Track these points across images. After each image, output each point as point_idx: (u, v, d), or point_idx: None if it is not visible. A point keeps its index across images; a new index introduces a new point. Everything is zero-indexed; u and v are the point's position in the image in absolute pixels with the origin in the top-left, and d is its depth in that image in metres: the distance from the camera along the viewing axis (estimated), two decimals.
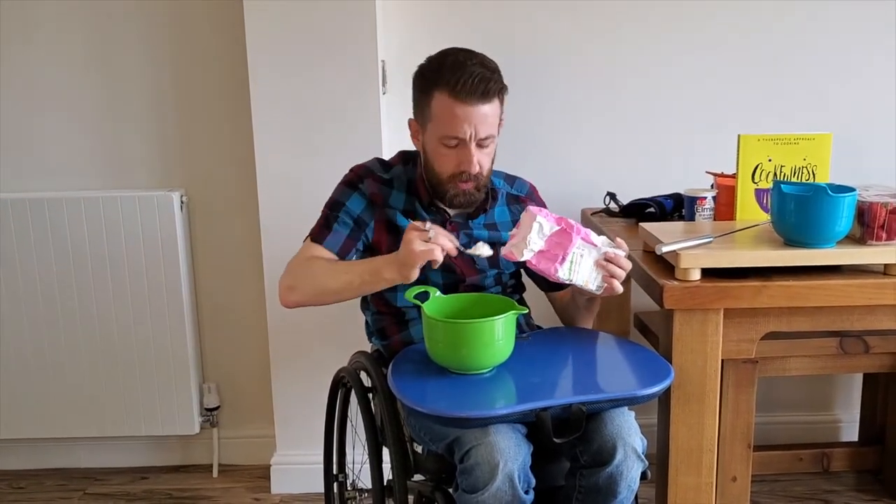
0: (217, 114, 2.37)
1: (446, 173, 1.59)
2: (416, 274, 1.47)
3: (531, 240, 1.44)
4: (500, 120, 1.60)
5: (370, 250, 1.67)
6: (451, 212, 1.66)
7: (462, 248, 1.48)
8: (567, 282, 1.47)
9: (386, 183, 1.68)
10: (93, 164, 2.40)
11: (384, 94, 2.24)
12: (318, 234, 1.67)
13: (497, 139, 1.61)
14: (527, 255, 1.44)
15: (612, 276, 1.50)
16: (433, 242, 1.43)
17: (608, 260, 1.49)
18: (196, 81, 2.36)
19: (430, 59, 1.60)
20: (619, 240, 1.52)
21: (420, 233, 1.44)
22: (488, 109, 1.54)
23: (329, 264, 1.62)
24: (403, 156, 1.73)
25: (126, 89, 2.36)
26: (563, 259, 1.45)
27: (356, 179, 1.68)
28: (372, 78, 2.17)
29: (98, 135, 2.39)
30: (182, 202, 2.38)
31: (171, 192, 2.34)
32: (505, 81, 1.57)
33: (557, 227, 1.45)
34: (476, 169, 1.57)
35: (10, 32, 2.32)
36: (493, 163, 1.63)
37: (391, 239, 1.64)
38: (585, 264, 1.47)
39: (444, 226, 1.65)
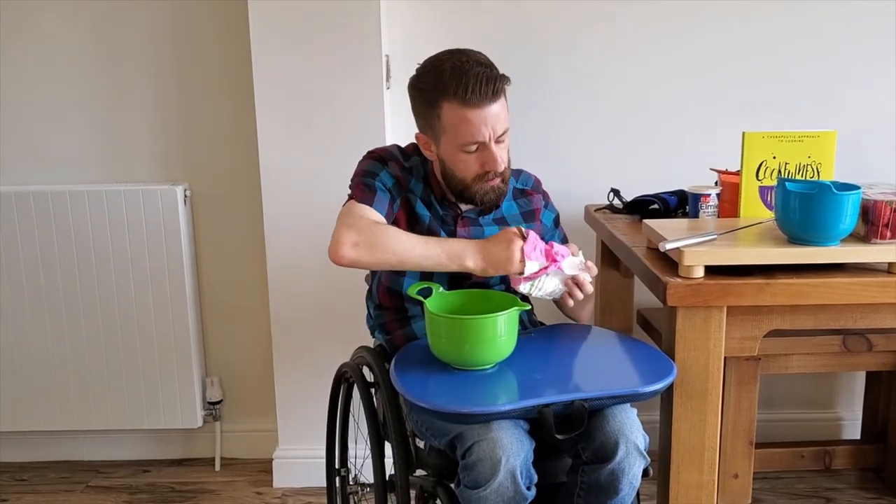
0: (220, 108, 2.37)
1: (471, 176, 1.58)
2: (519, 265, 1.50)
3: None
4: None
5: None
6: (463, 207, 1.66)
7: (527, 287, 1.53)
8: (527, 294, 1.55)
9: (406, 170, 1.67)
10: (97, 158, 2.41)
11: (388, 88, 2.23)
12: (363, 196, 1.59)
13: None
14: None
15: (571, 295, 1.57)
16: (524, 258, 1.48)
17: (575, 282, 1.55)
18: (200, 75, 2.36)
19: (426, 70, 1.56)
20: (589, 263, 1.57)
21: (521, 242, 1.49)
22: (499, 107, 1.53)
23: (403, 232, 1.56)
24: (417, 148, 1.73)
25: (130, 83, 2.36)
26: (529, 279, 1.53)
27: (382, 159, 1.66)
28: (375, 72, 2.17)
29: (102, 128, 2.39)
30: (185, 196, 2.38)
31: (174, 186, 2.34)
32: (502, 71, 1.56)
33: (543, 262, 1.52)
34: (502, 167, 1.58)
35: (14, 26, 2.32)
36: (509, 153, 1.63)
37: (410, 222, 1.64)
38: (549, 283, 1.55)
39: (455, 222, 1.65)
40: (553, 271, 1.53)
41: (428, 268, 1.55)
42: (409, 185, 1.66)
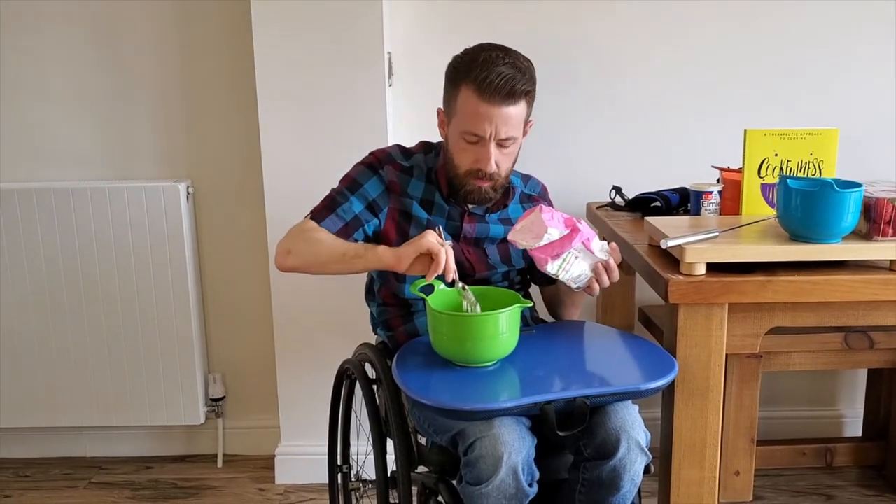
0: (223, 105, 2.38)
1: (463, 168, 1.60)
2: (408, 263, 1.47)
3: (531, 229, 1.47)
4: (529, 122, 1.61)
5: (377, 239, 1.67)
6: (470, 205, 1.67)
7: (455, 282, 1.48)
8: (553, 276, 1.49)
9: (405, 171, 1.68)
10: (99, 155, 2.41)
11: (390, 86, 2.23)
12: (319, 214, 1.66)
13: (522, 140, 1.61)
14: (528, 244, 1.47)
15: (599, 281, 1.52)
16: (442, 251, 1.44)
17: (605, 267, 1.51)
18: (202, 72, 2.36)
19: (465, 52, 1.59)
20: (613, 244, 1.53)
21: (437, 236, 1.46)
22: (512, 111, 1.53)
23: (331, 235, 1.62)
24: (424, 145, 1.73)
25: (133, 80, 2.36)
26: (557, 256, 1.47)
27: (377, 164, 1.68)
28: (378, 70, 2.17)
29: (104, 125, 2.39)
30: (188, 193, 2.38)
31: (177, 183, 2.34)
32: (536, 83, 1.56)
33: (563, 229, 1.47)
34: (492, 168, 1.57)
35: (17, 22, 2.32)
36: (514, 163, 1.64)
37: (402, 229, 1.65)
38: (577, 266, 1.49)
39: (461, 217, 1.66)
40: (582, 253, 1.48)
41: (356, 266, 1.58)
42: (407, 187, 1.66)
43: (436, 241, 1.45)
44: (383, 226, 1.66)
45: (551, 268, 1.47)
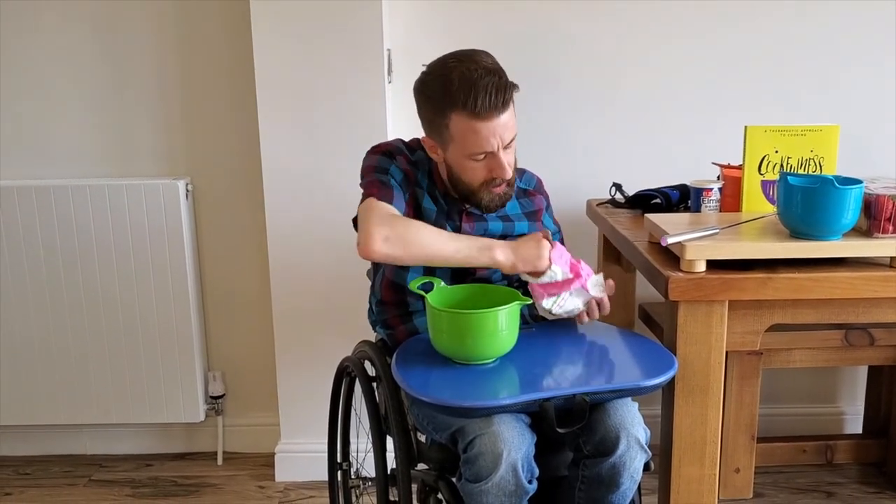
0: (222, 102, 2.37)
1: (477, 183, 1.58)
2: (526, 270, 1.53)
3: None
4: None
5: None
6: (467, 204, 1.66)
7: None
8: (547, 310, 1.56)
9: (412, 164, 1.66)
10: (98, 152, 2.41)
11: (389, 83, 2.23)
12: (382, 193, 1.58)
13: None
14: (529, 277, 1.56)
15: (589, 314, 1.59)
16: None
17: (597, 302, 1.57)
18: (202, 70, 2.36)
19: (434, 77, 1.53)
20: (609, 281, 1.58)
21: (549, 245, 1.52)
22: (507, 116, 1.52)
23: (432, 227, 1.57)
24: (419, 143, 1.72)
25: (132, 77, 2.36)
26: (554, 294, 1.55)
27: (389, 154, 1.65)
28: (377, 67, 2.16)
29: (104, 123, 2.39)
30: (187, 190, 2.38)
31: (176, 181, 2.34)
32: (510, 77, 1.54)
33: (567, 272, 1.54)
34: (509, 174, 1.57)
35: (16, 20, 2.32)
36: (515, 154, 1.63)
37: (416, 217, 1.62)
38: (571, 302, 1.56)
39: (460, 216, 1.65)
40: (577, 291, 1.54)
41: (458, 262, 1.54)
42: (417, 178, 1.65)
43: (546, 257, 1.52)
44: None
45: (546, 303, 1.55)
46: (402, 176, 1.63)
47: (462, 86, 1.47)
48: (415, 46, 2.30)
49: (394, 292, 1.69)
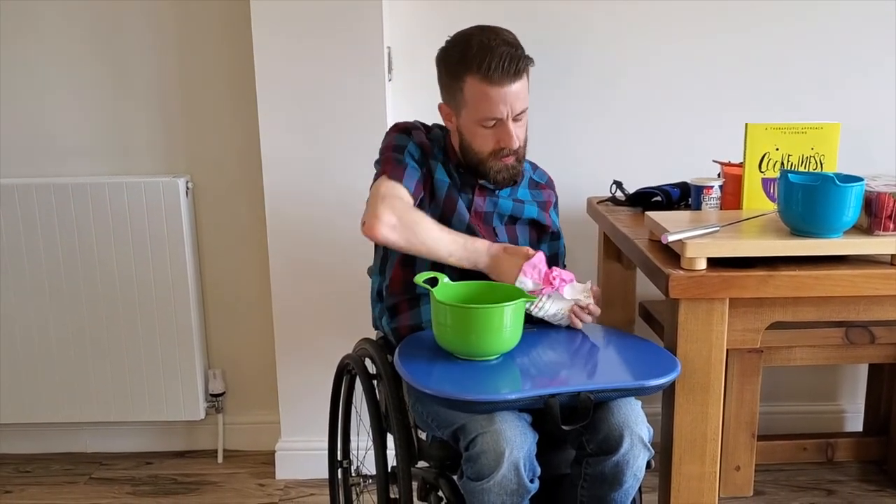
0: (222, 100, 2.37)
1: (486, 151, 1.63)
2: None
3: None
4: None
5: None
6: (481, 179, 1.68)
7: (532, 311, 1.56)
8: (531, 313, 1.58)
9: (429, 139, 1.71)
10: (98, 150, 2.40)
11: (390, 80, 2.23)
12: (394, 172, 1.62)
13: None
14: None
15: (577, 319, 1.60)
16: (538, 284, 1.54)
17: (581, 307, 1.60)
18: (201, 67, 2.35)
19: (454, 44, 1.61)
20: (595, 288, 1.63)
21: (529, 267, 1.55)
22: (519, 86, 1.58)
23: (435, 223, 1.61)
24: (436, 126, 1.76)
25: (132, 75, 2.36)
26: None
27: (407, 130, 1.70)
28: (377, 64, 2.16)
29: (104, 121, 2.39)
30: (187, 188, 2.38)
31: (176, 179, 2.34)
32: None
33: (538, 283, 1.57)
34: (517, 144, 1.62)
35: (16, 18, 2.31)
36: (527, 132, 1.67)
37: (429, 192, 1.66)
38: (553, 306, 1.58)
39: (473, 191, 1.68)
40: (555, 296, 1.56)
41: (450, 263, 1.60)
42: (433, 151, 1.70)
43: (518, 277, 1.55)
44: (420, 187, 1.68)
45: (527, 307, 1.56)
46: (419, 150, 1.67)
47: (479, 52, 1.55)
48: (415, 43, 2.29)
49: (403, 272, 1.69)
